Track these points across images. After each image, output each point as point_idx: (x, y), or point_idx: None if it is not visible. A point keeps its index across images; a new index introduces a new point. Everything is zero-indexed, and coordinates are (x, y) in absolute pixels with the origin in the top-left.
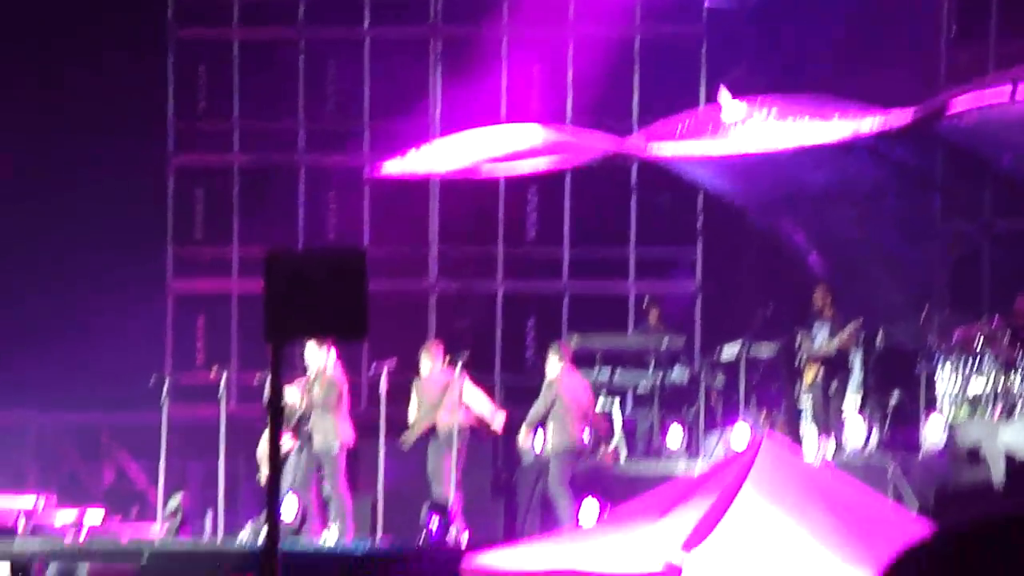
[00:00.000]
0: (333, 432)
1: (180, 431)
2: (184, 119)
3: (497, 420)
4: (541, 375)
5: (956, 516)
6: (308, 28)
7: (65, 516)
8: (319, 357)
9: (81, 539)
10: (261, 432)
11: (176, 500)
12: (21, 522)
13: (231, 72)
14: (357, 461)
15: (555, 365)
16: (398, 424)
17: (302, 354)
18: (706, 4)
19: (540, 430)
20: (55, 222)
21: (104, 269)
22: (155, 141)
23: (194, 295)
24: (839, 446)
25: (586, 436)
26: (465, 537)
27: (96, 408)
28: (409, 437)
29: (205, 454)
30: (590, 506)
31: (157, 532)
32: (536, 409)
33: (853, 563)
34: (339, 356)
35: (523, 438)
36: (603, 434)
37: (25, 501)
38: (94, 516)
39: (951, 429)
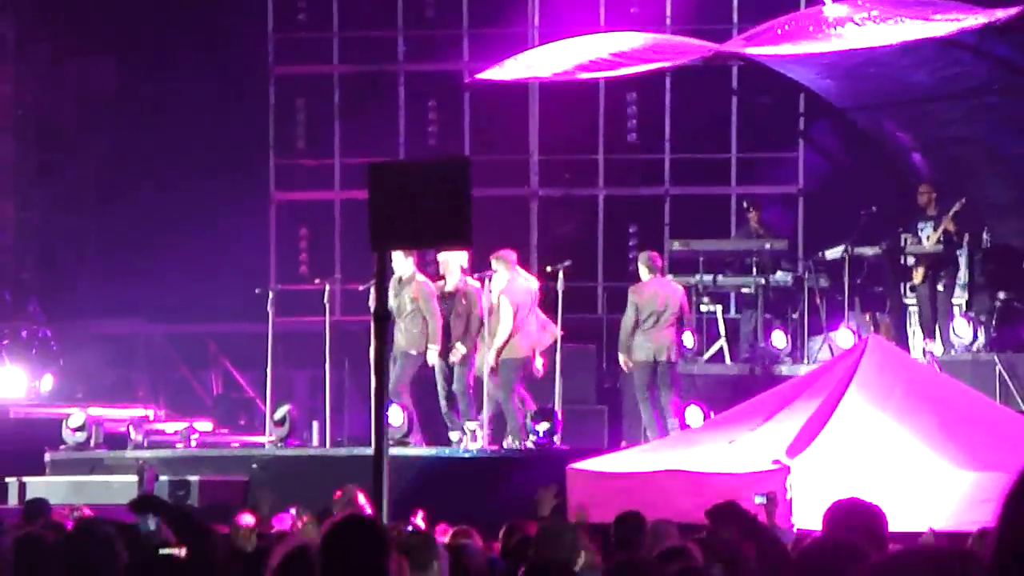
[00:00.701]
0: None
1: (286, 341)
2: (283, 30)
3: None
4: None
5: None
6: None
7: (175, 426)
8: (405, 264)
9: (191, 449)
10: (366, 340)
11: (283, 409)
12: (132, 432)
13: None
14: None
15: (644, 274)
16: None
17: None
18: None
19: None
20: (160, 136)
21: (208, 182)
22: (256, 52)
23: (297, 205)
24: (946, 345)
25: (687, 341)
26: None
27: (203, 319)
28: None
29: (311, 363)
30: (694, 412)
31: (265, 441)
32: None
33: (961, 466)
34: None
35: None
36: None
37: (135, 412)
38: (203, 426)
39: None
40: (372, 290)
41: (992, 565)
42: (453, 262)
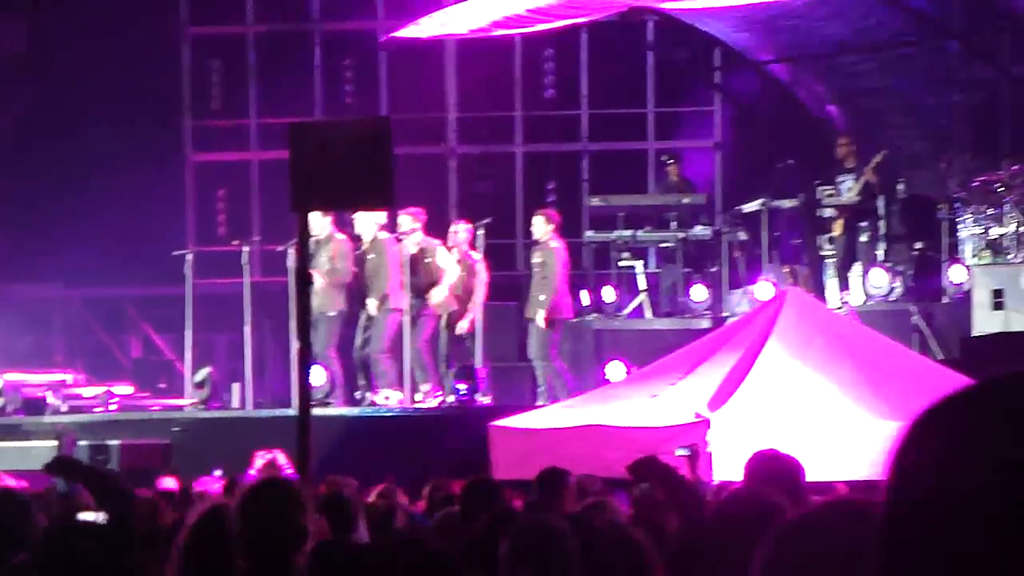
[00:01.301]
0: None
1: (205, 303)
2: None
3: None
4: (563, 236)
5: (979, 364)
6: None
7: (94, 391)
8: (322, 224)
9: (111, 413)
10: (286, 301)
11: (204, 372)
12: (50, 397)
13: None
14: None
15: (541, 230)
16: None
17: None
18: None
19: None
20: (73, 98)
21: (123, 143)
22: (170, 12)
23: (213, 166)
24: (863, 295)
25: (607, 296)
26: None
27: (120, 282)
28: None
29: (231, 326)
30: (615, 366)
31: (186, 404)
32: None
33: (880, 416)
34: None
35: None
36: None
37: (53, 377)
38: (123, 390)
39: (973, 275)
40: (292, 251)
41: (884, 518)
42: (370, 219)
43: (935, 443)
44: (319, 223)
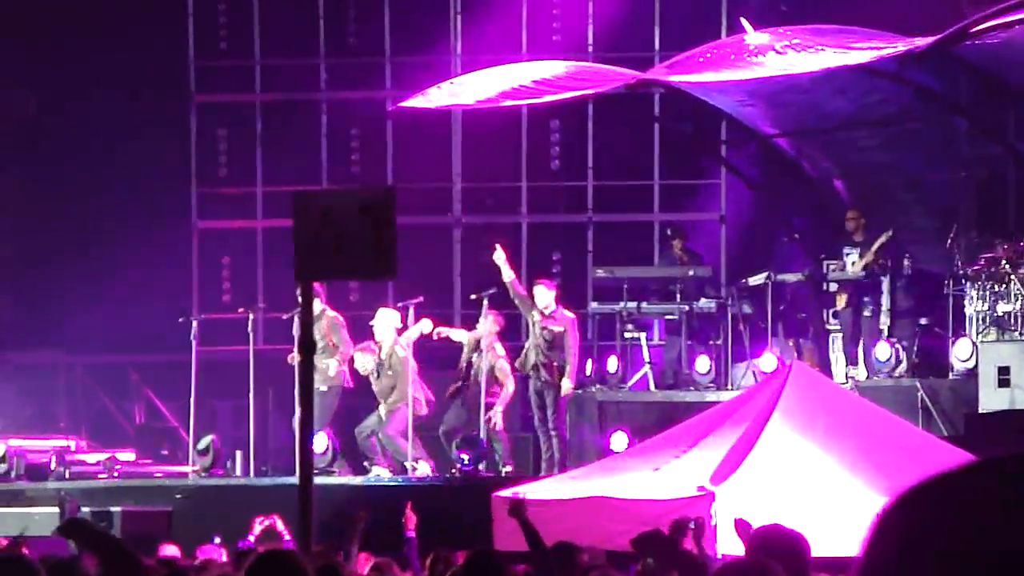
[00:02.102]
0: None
1: (209, 370)
2: (205, 58)
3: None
4: (567, 308)
5: (985, 440)
6: None
7: (97, 457)
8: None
9: (114, 480)
10: (290, 369)
11: (207, 439)
12: (53, 463)
13: (252, 10)
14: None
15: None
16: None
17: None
18: None
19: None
20: (80, 164)
21: (129, 210)
22: (177, 81)
23: (219, 234)
24: (868, 371)
25: (611, 367)
26: (507, 470)
27: (125, 349)
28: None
29: (234, 393)
30: (619, 438)
31: (189, 471)
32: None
33: (883, 493)
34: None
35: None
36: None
37: (57, 443)
38: (126, 457)
39: (979, 352)
40: (296, 319)
41: None
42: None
43: (900, 530)
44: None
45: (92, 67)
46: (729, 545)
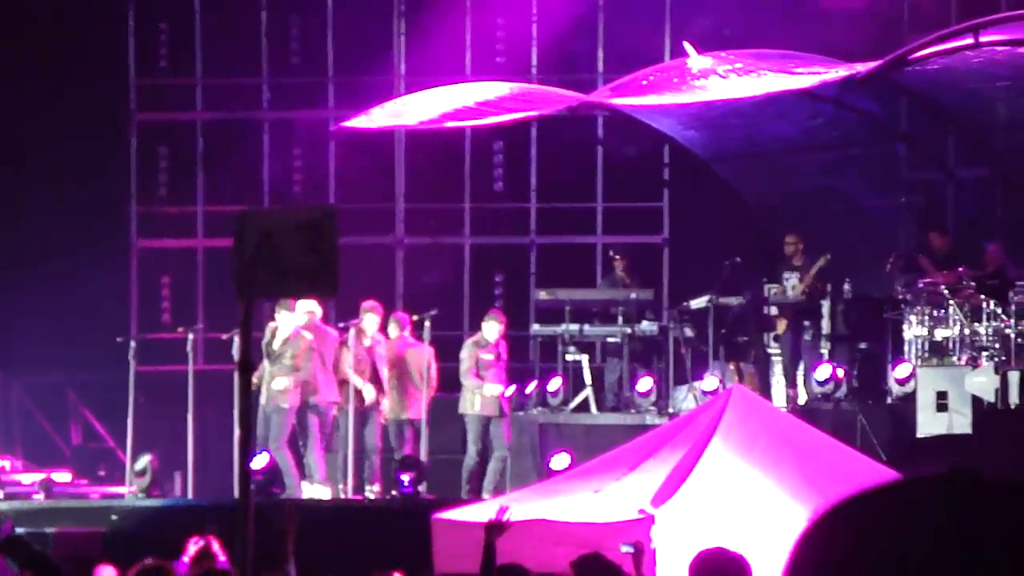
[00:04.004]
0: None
1: (147, 390)
2: (146, 76)
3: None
4: (509, 329)
5: (922, 464)
6: None
7: (32, 477)
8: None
9: (49, 500)
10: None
11: (144, 460)
12: None
13: (193, 27)
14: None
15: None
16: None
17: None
18: None
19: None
20: (17, 183)
21: (68, 228)
22: (117, 99)
23: (159, 253)
24: (808, 394)
25: (553, 387)
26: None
27: (62, 368)
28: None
29: (173, 413)
30: (561, 460)
31: (126, 492)
32: None
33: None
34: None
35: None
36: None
37: None
38: (62, 477)
39: (918, 377)
40: (236, 339)
41: None
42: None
43: (818, 550)
44: (287, 321)
45: (31, 85)
46: (669, 569)
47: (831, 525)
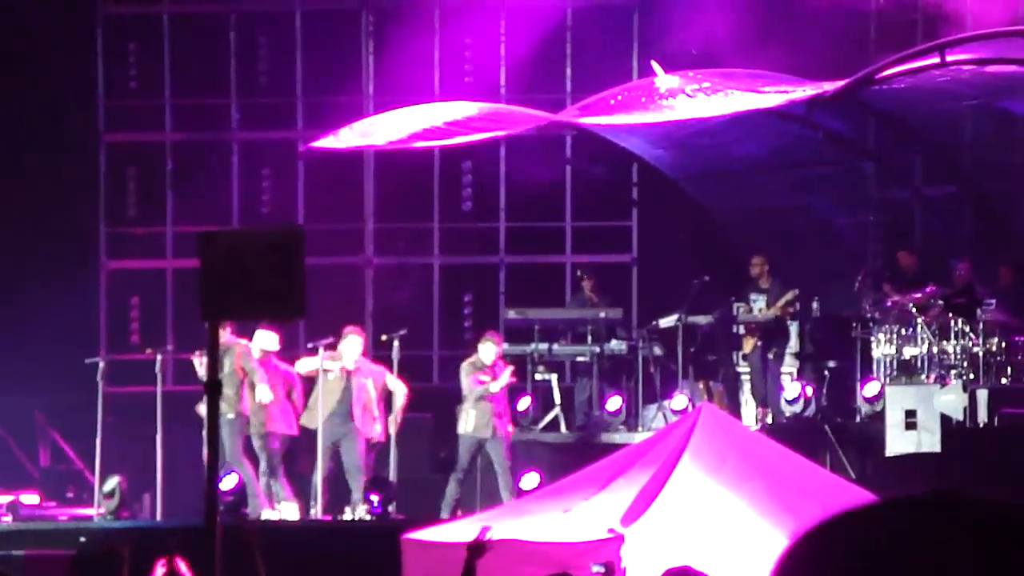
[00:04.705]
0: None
1: (116, 411)
2: (115, 97)
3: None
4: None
5: (891, 483)
6: (239, 3)
7: (0, 499)
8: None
9: (17, 522)
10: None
11: (113, 481)
12: None
13: (161, 48)
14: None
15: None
16: None
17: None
18: None
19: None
20: None
21: (37, 249)
22: (86, 120)
23: (128, 274)
24: (777, 413)
25: (522, 407)
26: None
27: (30, 389)
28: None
29: (142, 434)
30: (530, 479)
31: (94, 514)
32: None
33: (790, 534)
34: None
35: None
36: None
37: None
38: (30, 499)
39: (886, 395)
40: (200, 359)
41: None
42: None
43: (803, 571)
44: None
45: (0, 104)
46: None
47: (813, 548)
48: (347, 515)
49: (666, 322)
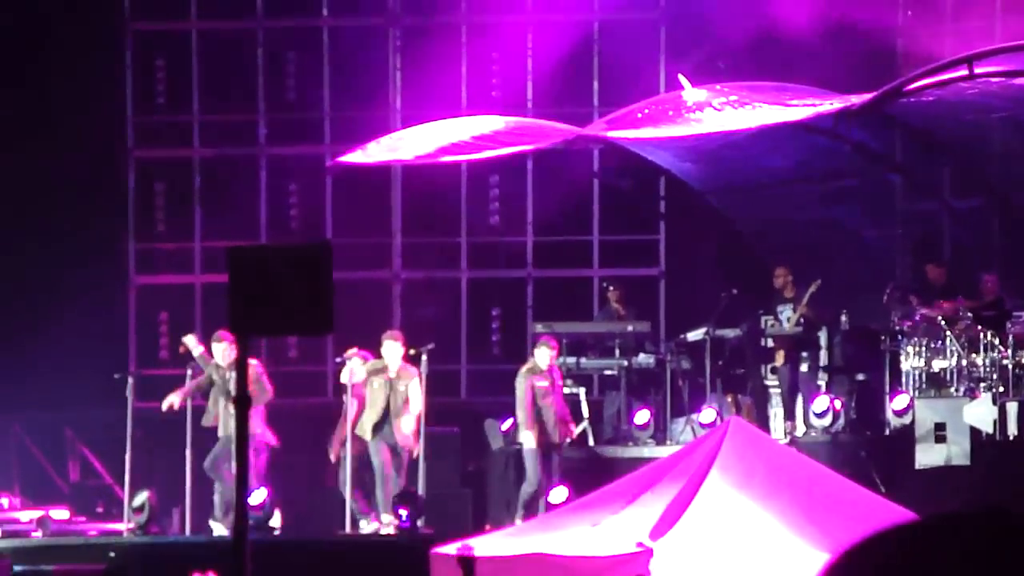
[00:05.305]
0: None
1: (145, 426)
2: (143, 113)
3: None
4: (506, 363)
5: (920, 496)
6: (266, 19)
7: (30, 515)
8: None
9: (47, 537)
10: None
11: (142, 496)
12: None
13: (190, 65)
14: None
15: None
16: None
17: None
18: None
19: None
20: (16, 220)
21: (67, 266)
22: (115, 136)
23: (157, 289)
24: (806, 426)
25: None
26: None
27: (61, 405)
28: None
29: (171, 449)
30: (559, 492)
31: (124, 529)
32: None
33: (820, 548)
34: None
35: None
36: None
37: None
38: (60, 514)
39: (915, 408)
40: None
41: None
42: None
43: None
44: (222, 350)
45: (29, 121)
46: None
47: (857, 565)
48: (364, 526)
49: (694, 335)
